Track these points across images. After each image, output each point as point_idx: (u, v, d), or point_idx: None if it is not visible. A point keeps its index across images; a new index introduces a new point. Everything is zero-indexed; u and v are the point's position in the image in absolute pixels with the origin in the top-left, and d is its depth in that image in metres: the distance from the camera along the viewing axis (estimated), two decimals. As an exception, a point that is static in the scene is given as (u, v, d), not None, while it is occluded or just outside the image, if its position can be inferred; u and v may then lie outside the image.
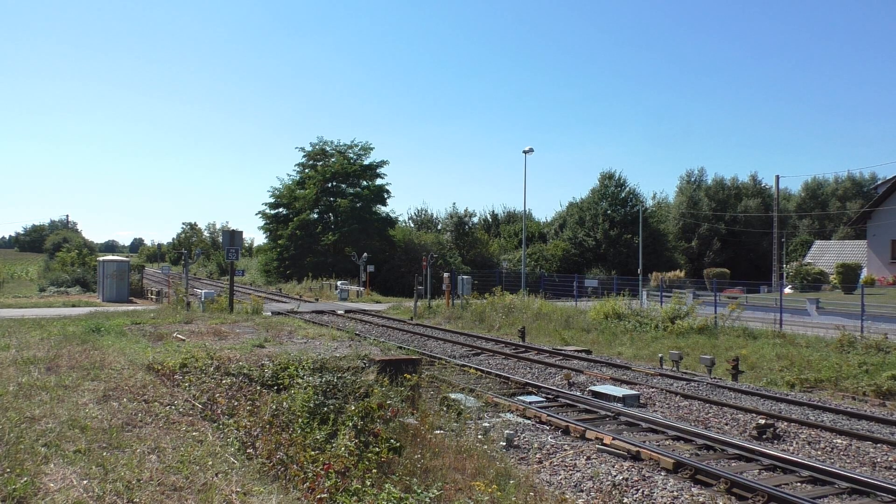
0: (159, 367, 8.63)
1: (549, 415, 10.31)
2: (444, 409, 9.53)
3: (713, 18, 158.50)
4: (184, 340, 11.11)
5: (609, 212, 58.06)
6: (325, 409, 6.88)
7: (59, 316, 17.75)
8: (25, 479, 4.75)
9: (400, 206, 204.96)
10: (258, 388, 8.14)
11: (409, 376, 8.28)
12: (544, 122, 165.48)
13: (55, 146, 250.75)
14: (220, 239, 54.14)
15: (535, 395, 12.34)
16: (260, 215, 54.31)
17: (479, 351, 18.17)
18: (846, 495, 7.39)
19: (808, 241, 59.94)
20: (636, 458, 8.37)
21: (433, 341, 20.13)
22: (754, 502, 6.99)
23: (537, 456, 8.39)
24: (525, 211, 63.07)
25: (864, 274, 35.59)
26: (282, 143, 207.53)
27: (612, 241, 56.48)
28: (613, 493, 7.17)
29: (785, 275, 41.68)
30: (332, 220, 51.17)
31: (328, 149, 52.91)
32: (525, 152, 37.63)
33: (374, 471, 5.61)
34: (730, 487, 7.26)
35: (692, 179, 72.92)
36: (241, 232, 22.93)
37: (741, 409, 11.37)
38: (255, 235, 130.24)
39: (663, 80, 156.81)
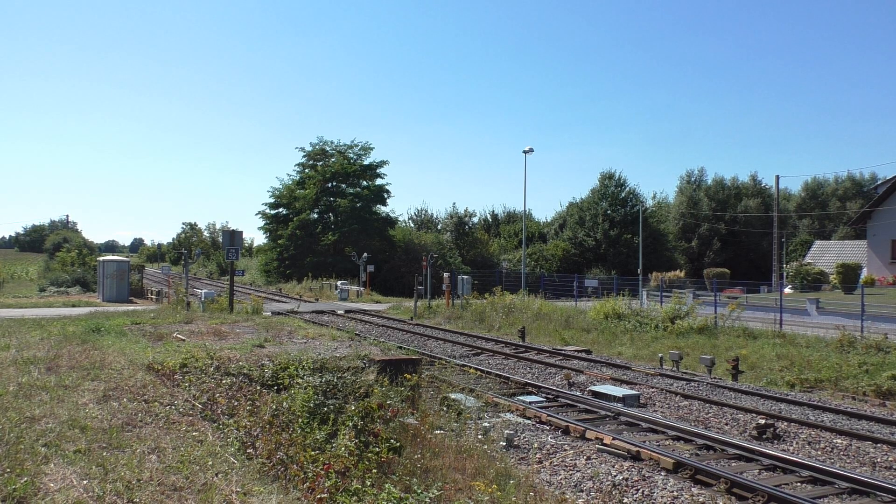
0: (159, 367, 8.62)
1: (549, 415, 10.31)
2: (444, 409, 9.53)
3: (713, 18, 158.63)
4: (184, 340, 11.10)
5: (609, 212, 58.08)
6: (325, 409, 6.87)
7: (59, 316, 17.74)
8: (25, 479, 4.75)
9: (400, 206, 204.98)
10: (258, 388, 8.14)
11: (409, 376, 8.28)
12: (544, 122, 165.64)
13: (55, 146, 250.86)
14: (220, 239, 54.14)
15: (535, 395, 12.34)
16: (260, 215, 54.40)
17: (479, 351, 18.17)
18: (846, 495, 7.39)
19: (808, 241, 59.93)
20: (636, 458, 8.37)
21: (433, 341, 20.13)
22: (754, 502, 6.99)
23: (537, 456, 8.39)
24: (525, 211, 63.17)
25: (864, 274, 35.58)
26: (282, 143, 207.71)
27: (612, 241, 56.49)
28: (613, 493, 7.17)
29: (785, 275, 41.66)
30: (332, 220, 51.17)
31: (328, 149, 52.92)
32: (525, 152, 37.67)
33: (374, 471, 5.61)
34: (730, 487, 7.26)
35: (692, 179, 72.95)
36: (241, 232, 22.93)
37: (741, 409, 11.37)
38: (255, 235, 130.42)
39: (663, 80, 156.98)
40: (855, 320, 19.68)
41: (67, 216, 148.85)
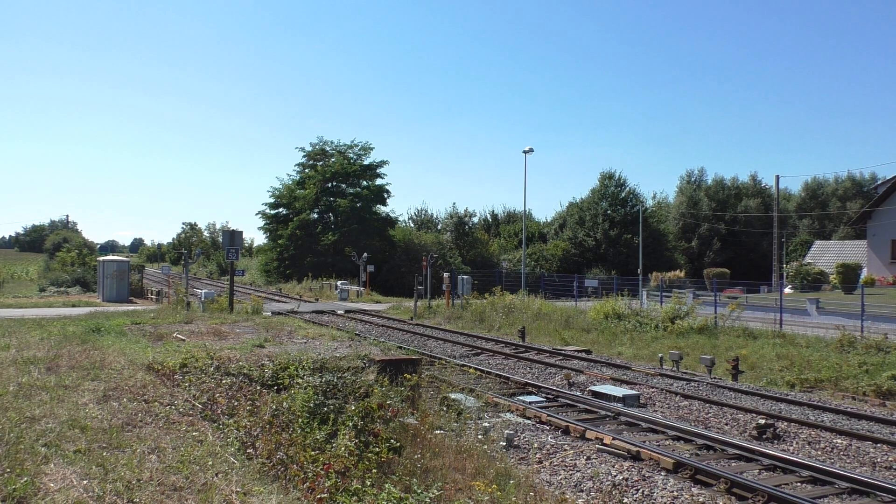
0: (159, 367, 8.63)
1: (549, 415, 10.31)
2: (444, 409, 9.53)
3: (713, 18, 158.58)
4: (184, 340, 11.11)
5: (609, 212, 58.09)
6: (325, 409, 6.87)
7: (59, 316, 17.74)
8: (25, 479, 4.75)
9: (400, 206, 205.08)
10: (258, 388, 8.14)
11: (409, 376, 8.28)
12: (544, 122, 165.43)
13: (55, 146, 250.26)
14: (220, 239, 54.11)
15: (535, 395, 12.34)
16: (260, 215, 54.43)
17: (479, 351, 18.17)
18: (846, 495, 7.39)
19: (808, 241, 59.93)
20: (636, 458, 8.37)
21: (433, 341, 20.13)
22: (754, 502, 6.99)
23: (537, 456, 8.39)
24: (525, 211, 63.03)
25: (864, 274, 35.59)
26: (282, 143, 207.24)
27: (612, 241, 56.50)
28: (613, 493, 7.17)
29: (785, 275, 41.66)
30: (332, 220, 51.20)
31: (328, 149, 52.96)
32: (525, 152, 37.69)
33: (374, 471, 5.62)
34: (730, 487, 7.26)
35: (692, 179, 72.99)
36: (241, 232, 22.97)
37: (741, 409, 11.36)
38: (255, 235, 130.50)
39: (663, 80, 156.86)
40: (855, 320, 19.68)
41: (67, 216, 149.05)
